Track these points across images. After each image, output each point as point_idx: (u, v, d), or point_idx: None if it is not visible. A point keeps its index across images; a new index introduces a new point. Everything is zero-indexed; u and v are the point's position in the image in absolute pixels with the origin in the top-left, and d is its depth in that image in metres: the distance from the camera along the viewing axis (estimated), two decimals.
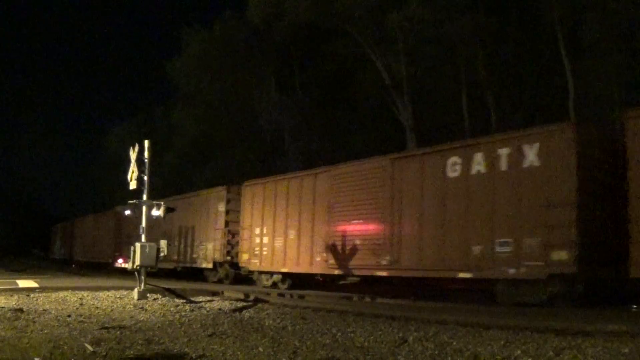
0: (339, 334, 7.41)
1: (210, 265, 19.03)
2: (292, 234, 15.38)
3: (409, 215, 12.33)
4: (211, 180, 28.15)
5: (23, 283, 14.80)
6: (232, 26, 30.76)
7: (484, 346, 6.27)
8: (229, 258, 18.33)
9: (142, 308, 10.10)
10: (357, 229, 13.44)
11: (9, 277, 17.75)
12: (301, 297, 13.46)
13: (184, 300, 11.71)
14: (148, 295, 11.70)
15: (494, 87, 22.77)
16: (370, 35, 23.74)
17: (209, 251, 19.13)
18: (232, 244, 18.43)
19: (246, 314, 9.84)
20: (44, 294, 11.90)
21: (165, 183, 32.64)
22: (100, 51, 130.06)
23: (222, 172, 30.94)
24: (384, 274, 12.90)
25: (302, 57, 30.62)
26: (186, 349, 6.22)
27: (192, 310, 10.01)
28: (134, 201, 12.35)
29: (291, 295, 13.69)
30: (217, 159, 33.32)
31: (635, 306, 9.74)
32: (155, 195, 13.23)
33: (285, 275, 15.92)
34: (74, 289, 12.72)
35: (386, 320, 8.72)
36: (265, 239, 16.35)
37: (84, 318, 8.57)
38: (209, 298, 12.58)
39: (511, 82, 22.98)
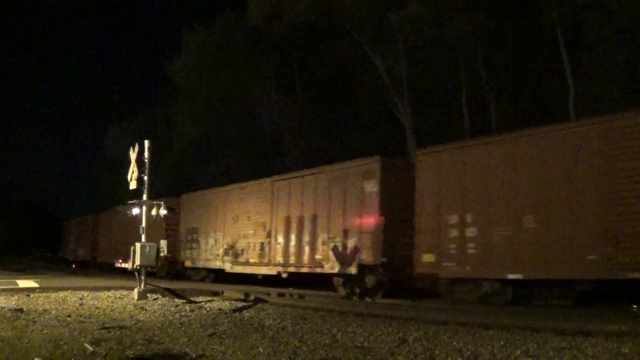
0: (339, 334, 7.41)
1: (352, 270, 13.42)
2: (529, 221, 10.61)
3: None
4: (211, 180, 28.12)
5: (23, 283, 14.80)
6: (232, 26, 30.78)
7: (484, 346, 6.27)
8: (384, 260, 12.83)
9: (142, 308, 10.10)
10: None
11: (9, 277, 17.74)
12: (301, 297, 13.36)
13: (184, 300, 11.71)
14: (148, 295, 11.71)
15: (494, 87, 22.77)
16: (370, 36, 23.74)
17: (349, 250, 13.92)
18: (392, 239, 12.94)
19: (246, 314, 9.84)
20: (44, 294, 11.91)
21: (165, 183, 32.62)
22: (100, 51, 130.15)
23: (223, 172, 30.96)
24: None
25: (302, 57, 30.62)
26: (186, 349, 6.23)
27: (192, 310, 10.01)
28: (133, 201, 12.35)
29: (291, 295, 13.56)
30: (217, 159, 33.32)
31: (635, 306, 9.74)
32: (157, 195, 13.17)
33: (508, 284, 11.12)
34: (74, 289, 12.72)
35: (386, 320, 8.72)
36: (472, 231, 11.47)
37: (84, 318, 8.57)
38: (209, 298, 12.58)
39: (511, 82, 22.98)
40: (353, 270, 13.35)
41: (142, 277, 11.65)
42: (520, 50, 22.60)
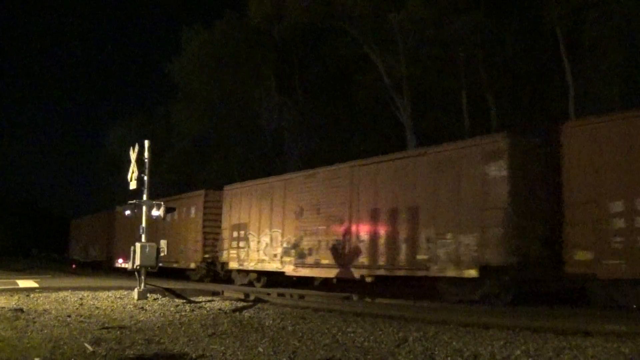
0: (339, 334, 7.41)
1: (471, 273, 11.11)
2: None
3: None
4: (211, 180, 28.14)
5: (23, 283, 14.78)
6: (232, 26, 30.83)
7: (484, 346, 6.27)
8: (514, 259, 10.63)
9: (142, 308, 10.10)
10: None
11: (9, 277, 17.74)
12: (301, 297, 13.36)
13: (184, 300, 11.71)
14: (148, 295, 11.70)
15: (494, 87, 22.78)
16: (370, 35, 23.76)
17: (466, 249, 11.21)
18: (524, 235, 10.75)
19: (246, 314, 9.83)
20: (44, 294, 11.90)
21: (165, 183, 32.63)
22: (100, 51, 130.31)
23: (223, 172, 30.99)
24: None
25: (302, 57, 30.67)
26: (186, 349, 6.23)
27: (192, 310, 10.01)
28: (134, 201, 12.33)
29: (291, 295, 13.55)
30: (218, 158, 33.35)
31: (635, 306, 9.73)
32: (155, 195, 13.14)
33: None
34: (74, 289, 12.71)
35: (386, 320, 8.71)
36: None
37: (84, 318, 8.56)
38: (209, 298, 12.57)
39: (511, 82, 23.00)
40: (473, 272, 11.05)
41: (142, 277, 11.65)
42: (520, 50, 22.62)
